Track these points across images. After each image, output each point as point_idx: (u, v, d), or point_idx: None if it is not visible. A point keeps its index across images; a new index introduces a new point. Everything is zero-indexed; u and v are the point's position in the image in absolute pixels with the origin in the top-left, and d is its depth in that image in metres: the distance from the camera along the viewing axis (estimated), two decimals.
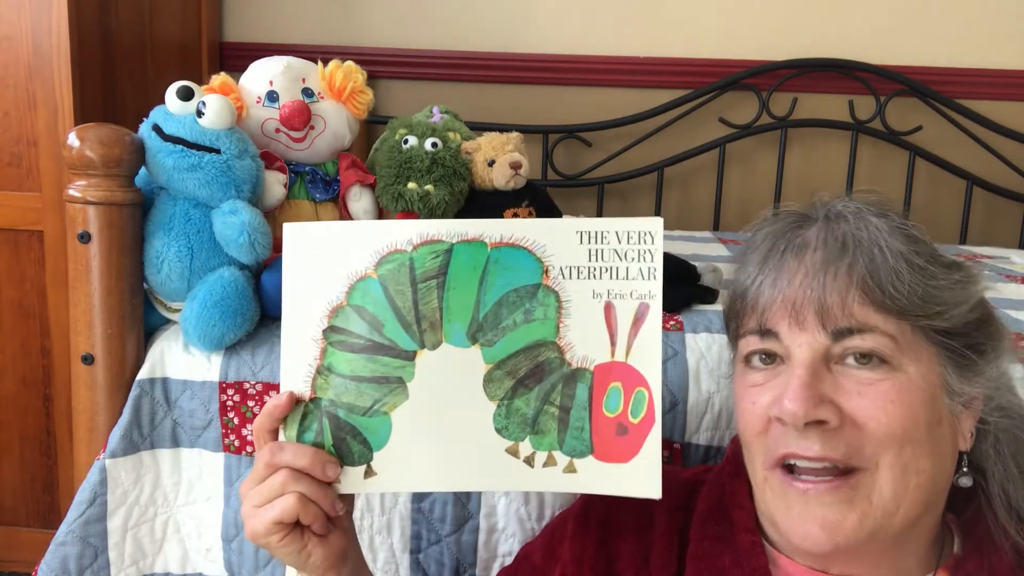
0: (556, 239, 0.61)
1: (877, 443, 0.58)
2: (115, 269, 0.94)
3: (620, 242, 0.60)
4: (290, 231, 0.65)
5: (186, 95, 0.95)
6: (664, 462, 0.91)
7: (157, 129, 0.94)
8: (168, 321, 1.02)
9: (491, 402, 0.61)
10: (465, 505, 0.93)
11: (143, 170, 0.97)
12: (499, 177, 1.13)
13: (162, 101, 0.96)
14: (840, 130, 1.96)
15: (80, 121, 1.42)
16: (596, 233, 0.60)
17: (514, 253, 0.61)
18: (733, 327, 0.67)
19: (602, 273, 0.60)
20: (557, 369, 0.61)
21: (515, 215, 1.13)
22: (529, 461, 0.61)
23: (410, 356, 0.62)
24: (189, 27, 1.90)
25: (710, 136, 1.98)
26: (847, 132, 1.96)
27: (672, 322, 1.00)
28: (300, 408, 0.63)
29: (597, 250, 0.60)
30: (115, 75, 1.58)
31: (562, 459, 0.61)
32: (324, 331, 0.63)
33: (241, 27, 2.06)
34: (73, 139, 0.92)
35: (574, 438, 0.61)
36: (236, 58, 2.02)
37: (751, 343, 0.63)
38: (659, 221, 0.60)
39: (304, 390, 0.63)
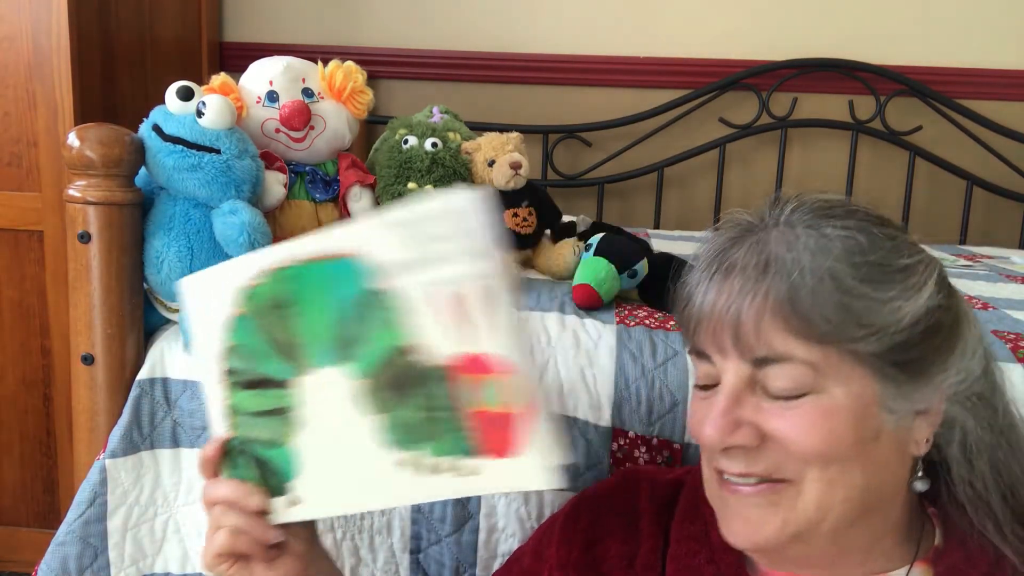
0: (374, 238, 0.57)
1: (799, 461, 0.58)
2: (115, 269, 0.94)
3: (436, 226, 0.55)
4: (183, 284, 0.66)
5: (186, 95, 0.95)
6: (664, 462, 0.91)
7: (157, 129, 0.94)
8: (168, 321, 1.02)
9: (370, 417, 0.60)
10: (465, 505, 0.93)
11: (143, 170, 0.97)
12: (499, 177, 1.13)
13: (162, 101, 0.97)
14: (840, 130, 1.96)
15: (80, 121, 1.42)
16: (409, 222, 0.56)
17: (341, 265, 0.58)
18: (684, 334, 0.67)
19: (429, 263, 0.55)
20: (422, 371, 0.58)
21: (515, 215, 1.13)
22: (432, 469, 0.59)
23: (288, 385, 0.62)
24: (189, 27, 1.90)
25: (710, 136, 1.98)
26: (847, 132, 1.96)
27: (672, 322, 1.00)
28: (229, 447, 0.65)
29: (416, 240, 0.56)
30: (115, 75, 1.58)
31: (458, 462, 0.58)
32: (223, 373, 0.64)
33: (241, 27, 2.06)
34: (73, 139, 0.92)
35: (458, 439, 0.58)
36: (236, 58, 2.01)
37: (694, 362, 0.64)
38: (472, 196, 0.54)
39: (223, 431, 0.65)
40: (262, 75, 1.09)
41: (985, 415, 0.62)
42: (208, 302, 0.65)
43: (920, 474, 0.62)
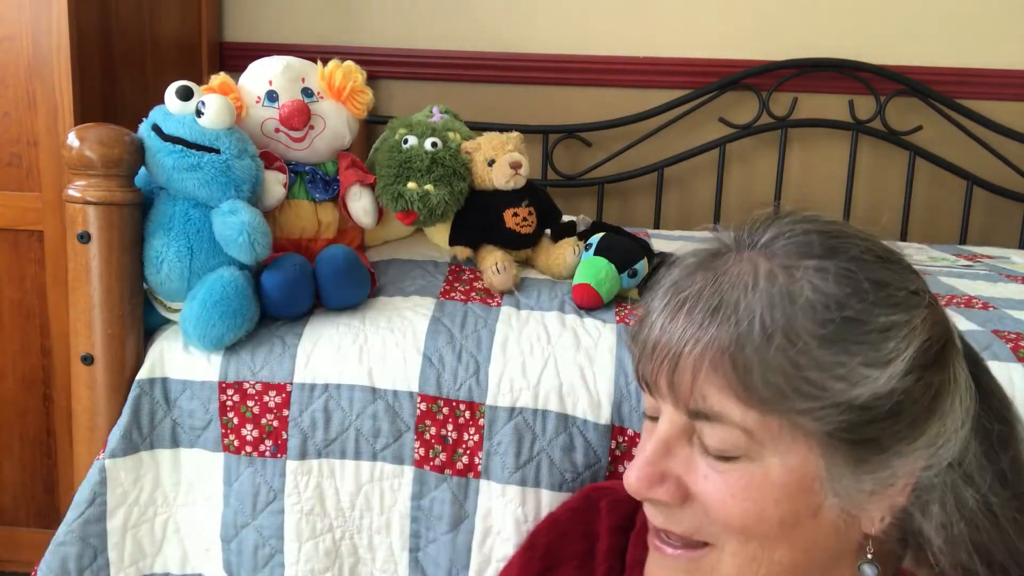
0: None
1: (720, 528, 0.53)
2: (115, 269, 0.94)
3: None
4: None
5: (186, 95, 0.95)
6: None
7: (157, 129, 0.94)
8: (168, 321, 1.02)
9: None
10: (462, 505, 0.93)
11: (143, 170, 0.97)
12: (499, 177, 1.13)
13: (162, 101, 0.97)
14: (840, 130, 1.96)
15: (80, 121, 1.42)
16: None
17: None
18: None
19: None
20: None
21: (515, 215, 1.13)
22: None
23: None
24: (189, 27, 1.90)
25: (710, 136, 1.98)
26: (847, 132, 1.96)
27: None
28: None
29: None
30: (115, 75, 1.58)
31: None
32: None
33: (241, 27, 2.06)
34: (73, 139, 0.92)
35: None
36: (236, 58, 2.01)
37: (641, 388, 0.58)
38: None
39: None
40: (262, 75, 1.09)
41: (969, 491, 0.54)
42: None
43: (870, 556, 0.55)
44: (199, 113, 0.94)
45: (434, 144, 1.12)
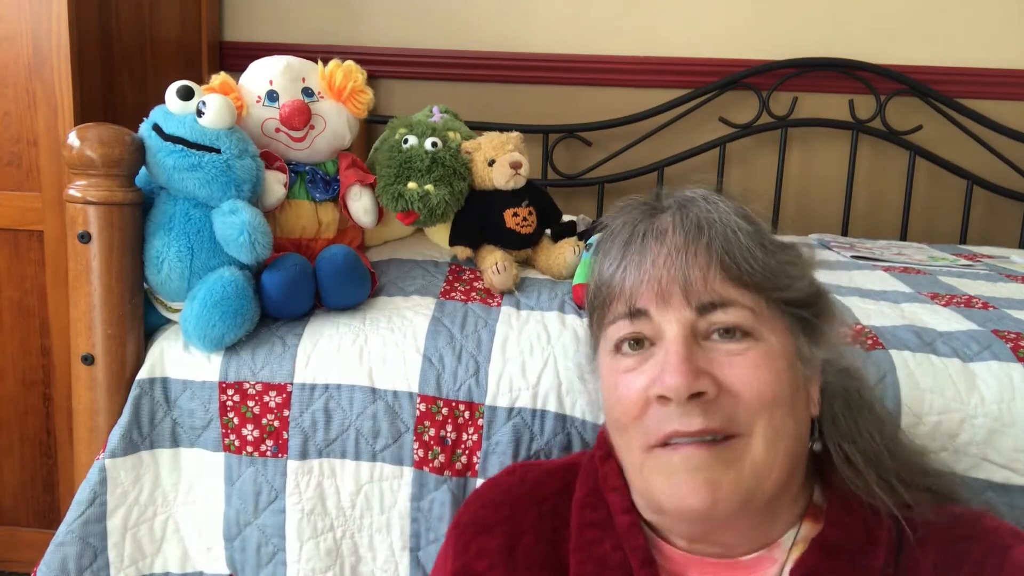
0: None
1: (751, 409, 0.60)
2: (115, 269, 0.94)
3: None
4: None
5: (186, 95, 0.95)
6: None
7: (157, 129, 0.94)
8: (168, 321, 1.02)
9: None
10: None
11: (143, 170, 0.97)
12: (499, 177, 1.13)
13: (162, 101, 0.97)
14: (840, 130, 1.96)
15: (80, 121, 1.42)
16: None
17: None
18: (598, 316, 0.69)
19: None
20: None
21: (515, 215, 1.13)
22: None
23: None
24: (189, 27, 1.90)
25: (710, 136, 1.98)
26: (847, 132, 1.96)
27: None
28: None
29: None
30: (115, 75, 1.58)
31: None
32: None
33: (241, 27, 2.06)
34: (73, 139, 0.92)
35: None
36: (236, 58, 2.01)
37: (621, 328, 0.65)
38: None
39: None
40: (262, 75, 1.09)
41: (851, 389, 0.69)
42: None
43: (816, 435, 0.67)
44: (200, 113, 0.94)
45: (434, 144, 1.12)
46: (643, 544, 0.65)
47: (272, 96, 1.08)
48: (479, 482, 0.92)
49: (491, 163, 1.13)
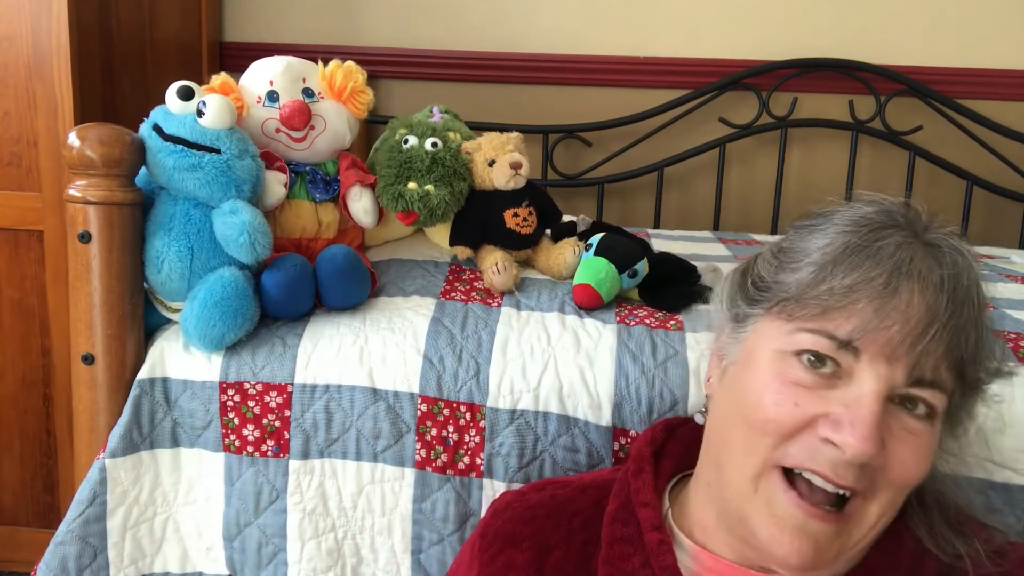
0: None
1: (890, 484, 0.58)
2: (115, 269, 0.94)
3: None
4: None
5: (186, 95, 0.95)
6: None
7: (157, 129, 0.94)
8: (168, 321, 1.02)
9: None
10: (467, 503, 0.93)
11: (143, 170, 0.97)
12: (499, 177, 1.13)
13: (162, 101, 0.96)
14: (840, 130, 1.96)
15: (80, 121, 1.41)
16: None
17: None
18: (784, 309, 0.61)
19: None
20: None
21: (515, 215, 1.13)
22: None
23: None
24: (189, 27, 1.90)
25: (710, 136, 1.98)
26: (847, 132, 1.96)
27: (672, 321, 1.00)
28: None
29: None
30: (115, 75, 1.58)
31: None
32: None
33: (241, 27, 2.06)
34: (73, 139, 0.92)
35: None
36: (236, 58, 2.01)
37: (817, 344, 0.59)
38: None
39: None
40: (262, 75, 1.09)
41: (936, 474, 0.65)
42: None
43: None
44: (200, 113, 0.94)
45: (434, 144, 1.12)
46: (672, 563, 0.64)
47: (272, 96, 1.08)
48: (485, 483, 0.92)
49: (491, 163, 1.13)
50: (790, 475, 0.59)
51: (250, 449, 0.95)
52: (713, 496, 0.66)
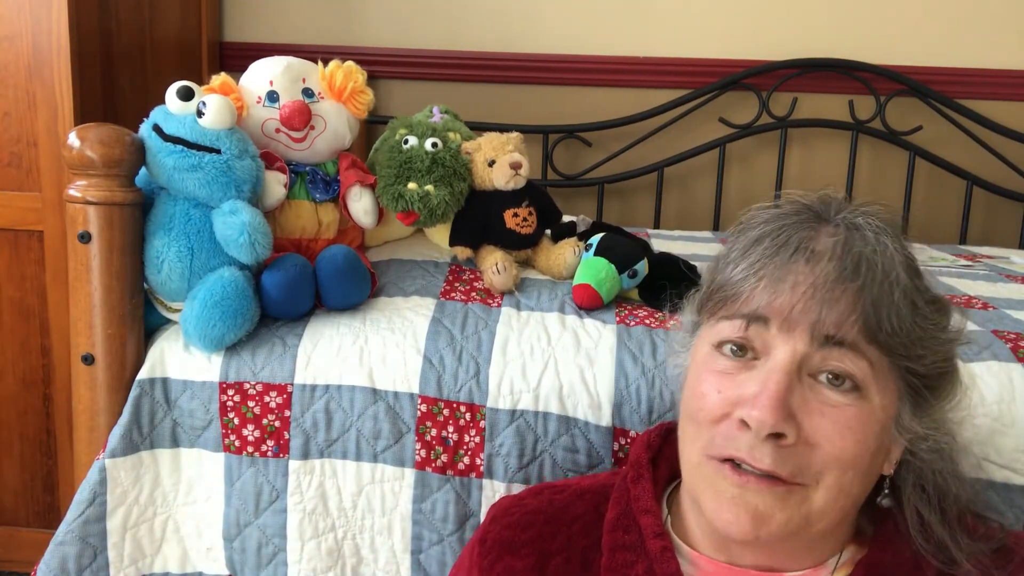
0: None
1: (824, 464, 0.59)
2: (115, 269, 0.94)
3: None
4: None
5: (186, 95, 0.95)
6: None
7: (157, 129, 0.94)
8: (168, 321, 1.02)
9: None
10: (466, 503, 0.93)
11: (143, 170, 0.97)
12: (499, 177, 1.13)
13: (162, 101, 0.97)
14: (840, 130, 1.96)
15: (80, 121, 1.41)
16: None
17: None
18: (713, 305, 0.66)
19: None
20: None
21: (515, 215, 1.13)
22: None
23: None
24: (189, 27, 1.90)
25: (710, 136, 1.98)
26: (847, 132, 1.96)
27: (673, 322, 1.00)
28: None
29: None
30: (115, 75, 1.58)
31: None
32: None
33: (241, 27, 2.06)
34: (73, 139, 0.92)
35: None
36: (236, 58, 2.01)
37: (733, 329, 0.62)
38: None
39: None
40: (262, 75, 1.09)
41: (941, 452, 0.65)
42: None
43: (887, 491, 0.65)
44: (200, 113, 0.94)
45: (434, 144, 1.12)
46: (676, 570, 0.65)
47: (272, 96, 1.08)
48: (485, 483, 0.92)
49: (491, 163, 1.13)
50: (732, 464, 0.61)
51: (250, 449, 0.95)
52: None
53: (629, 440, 0.91)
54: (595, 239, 1.10)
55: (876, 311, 0.58)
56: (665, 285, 1.06)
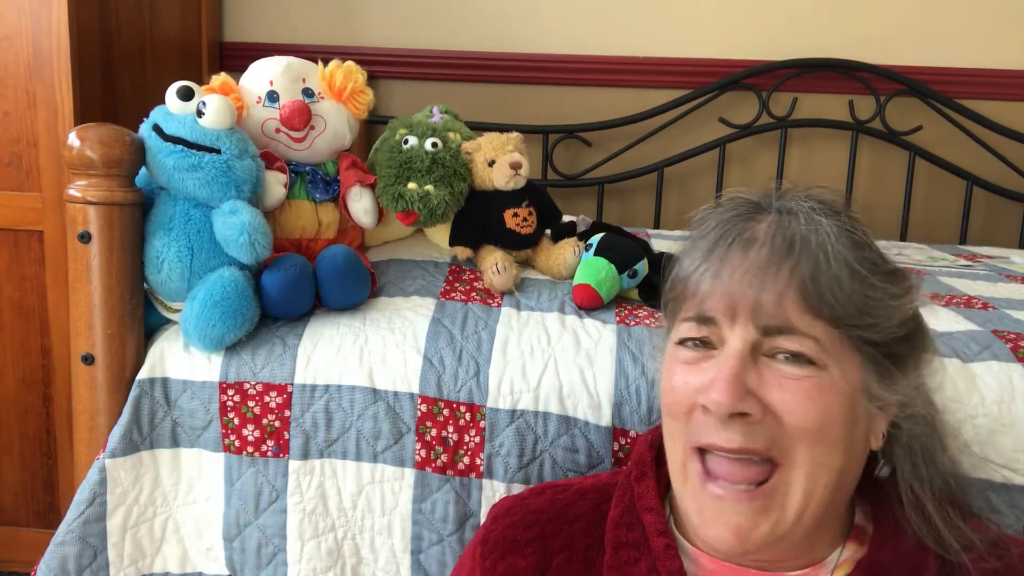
0: None
1: (792, 437, 0.59)
2: (115, 269, 0.94)
3: None
4: None
5: (186, 95, 0.95)
6: None
7: (157, 129, 0.94)
8: (168, 321, 1.02)
9: None
10: (466, 503, 0.93)
11: (143, 170, 0.97)
12: (499, 177, 1.13)
13: (162, 101, 0.97)
14: (840, 130, 1.96)
15: (80, 121, 1.41)
16: None
17: None
18: (672, 307, 0.68)
19: None
20: None
21: (515, 215, 1.13)
22: None
23: None
24: (189, 27, 1.90)
25: (710, 136, 1.97)
26: (847, 132, 1.96)
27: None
28: None
29: None
30: (115, 75, 1.58)
31: None
32: None
33: (241, 27, 2.06)
34: (73, 139, 0.92)
35: None
36: (236, 58, 2.01)
37: (689, 329, 0.64)
38: None
39: None
40: (262, 75, 1.09)
41: (926, 422, 0.66)
42: None
43: (882, 463, 0.66)
44: (200, 113, 0.94)
45: (434, 144, 1.12)
46: (679, 568, 0.65)
47: (272, 96, 1.08)
48: (485, 483, 0.92)
49: (491, 163, 1.13)
50: (709, 471, 0.62)
51: (250, 449, 0.95)
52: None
53: (629, 440, 0.91)
54: (595, 239, 1.10)
55: (815, 284, 0.59)
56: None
